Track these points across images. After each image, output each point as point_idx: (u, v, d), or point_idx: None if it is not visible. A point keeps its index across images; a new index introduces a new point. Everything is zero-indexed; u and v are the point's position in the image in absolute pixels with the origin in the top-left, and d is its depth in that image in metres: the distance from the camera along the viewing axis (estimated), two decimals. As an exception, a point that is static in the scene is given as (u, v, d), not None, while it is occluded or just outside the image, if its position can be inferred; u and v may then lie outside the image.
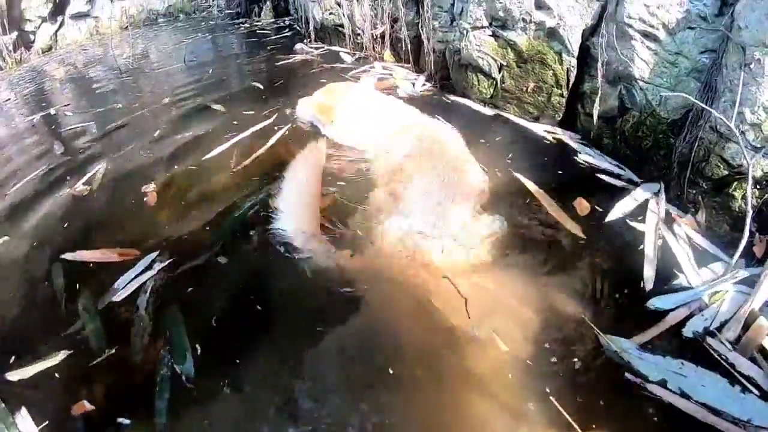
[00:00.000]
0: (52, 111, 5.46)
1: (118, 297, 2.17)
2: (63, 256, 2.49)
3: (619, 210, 2.34)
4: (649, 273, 1.99)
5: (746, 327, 1.71)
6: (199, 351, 1.85)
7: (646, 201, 2.38)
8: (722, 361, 1.61)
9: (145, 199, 2.92)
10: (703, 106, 2.11)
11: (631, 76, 2.59)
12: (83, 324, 2.05)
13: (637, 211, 2.34)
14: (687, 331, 1.75)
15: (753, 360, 1.60)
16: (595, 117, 2.84)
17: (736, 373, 1.57)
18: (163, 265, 2.31)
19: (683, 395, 1.52)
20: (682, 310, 1.83)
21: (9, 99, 7.25)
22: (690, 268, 2.01)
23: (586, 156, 2.83)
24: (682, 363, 1.61)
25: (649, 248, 2.10)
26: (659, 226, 2.21)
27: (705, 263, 2.03)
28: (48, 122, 5.09)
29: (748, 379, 1.55)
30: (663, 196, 2.39)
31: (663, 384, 1.56)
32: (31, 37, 10.60)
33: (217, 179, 3.04)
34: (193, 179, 3.10)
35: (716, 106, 2.12)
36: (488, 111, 3.38)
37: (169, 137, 3.81)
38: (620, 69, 2.65)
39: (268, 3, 8.72)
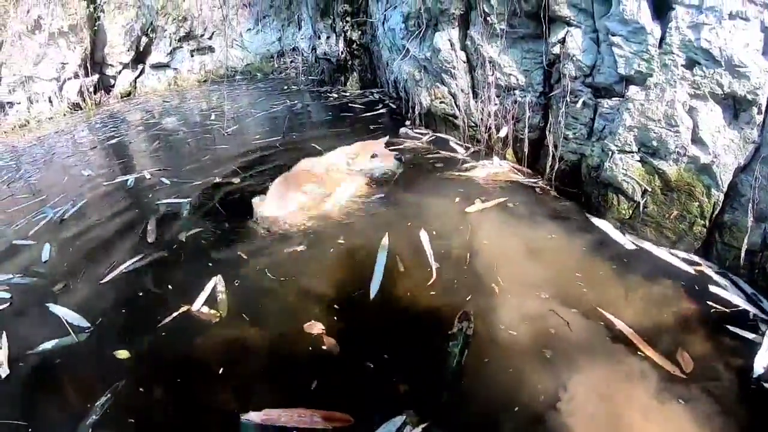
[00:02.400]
0: (147, 174, 5.73)
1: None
2: (246, 417, 2.29)
3: (757, 366, 2.42)
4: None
5: None
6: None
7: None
8: None
9: (323, 346, 2.74)
10: None
11: (780, 218, 2.89)
12: None
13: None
14: None
15: None
16: (743, 255, 3.10)
17: None
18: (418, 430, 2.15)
19: None
20: None
21: (95, 148, 7.70)
22: None
23: (721, 292, 3.00)
24: None
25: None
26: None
27: None
28: (142, 189, 5.33)
29: None
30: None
31: None
32: (112, 81, 11.56)
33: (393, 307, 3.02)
34: (363, 314, 2.99)
35: None
36: (622, 237, 3.61)
37: (289, 245, 3.75)
38: (768, 209, 2.96)
39: (354, 74, 9.35)
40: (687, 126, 3.22)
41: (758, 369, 2.43)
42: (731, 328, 2.72)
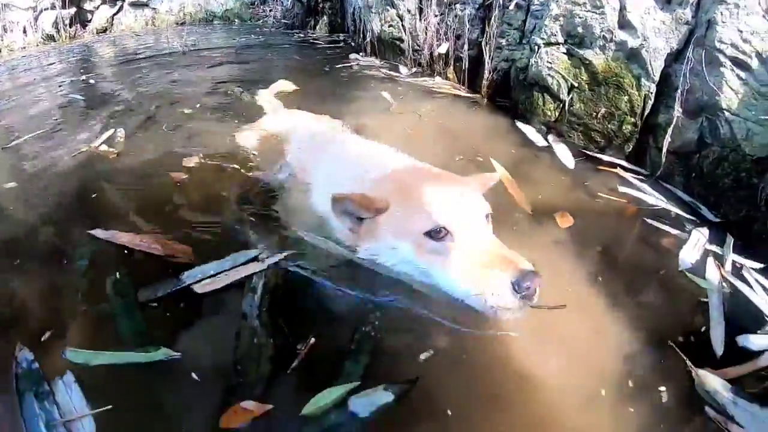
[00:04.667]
0: (92, 80, 5.57)
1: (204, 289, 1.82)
2: (92, 232, 2.13)
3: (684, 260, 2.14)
4: (717, 336, 1.76)
5: None
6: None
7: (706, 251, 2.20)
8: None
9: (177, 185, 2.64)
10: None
11: (717, 106, 2.47)
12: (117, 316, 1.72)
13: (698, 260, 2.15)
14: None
15: None
16: (665, 150, 2.70)
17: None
18: (275, 259, 1.95)
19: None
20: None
21: (53, 63, 7.49)
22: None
23: (632, 191, 2.66)
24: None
25: (715, 308, 1.88)
26: (725, 279, 2.03)
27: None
28: (82, 87, 5.23)
29: None
30: (730, 244, 2.22)
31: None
32: (89, 16, 10.90)
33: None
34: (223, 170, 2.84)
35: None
36: (541, 139, 3.24)
37: (199, 120, 3.73)
38: (704, 99, 2.53)
39: (324, 17, 8.84)
40: (613, 7, 2.82)
41: (686, 263, 2.11)
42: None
